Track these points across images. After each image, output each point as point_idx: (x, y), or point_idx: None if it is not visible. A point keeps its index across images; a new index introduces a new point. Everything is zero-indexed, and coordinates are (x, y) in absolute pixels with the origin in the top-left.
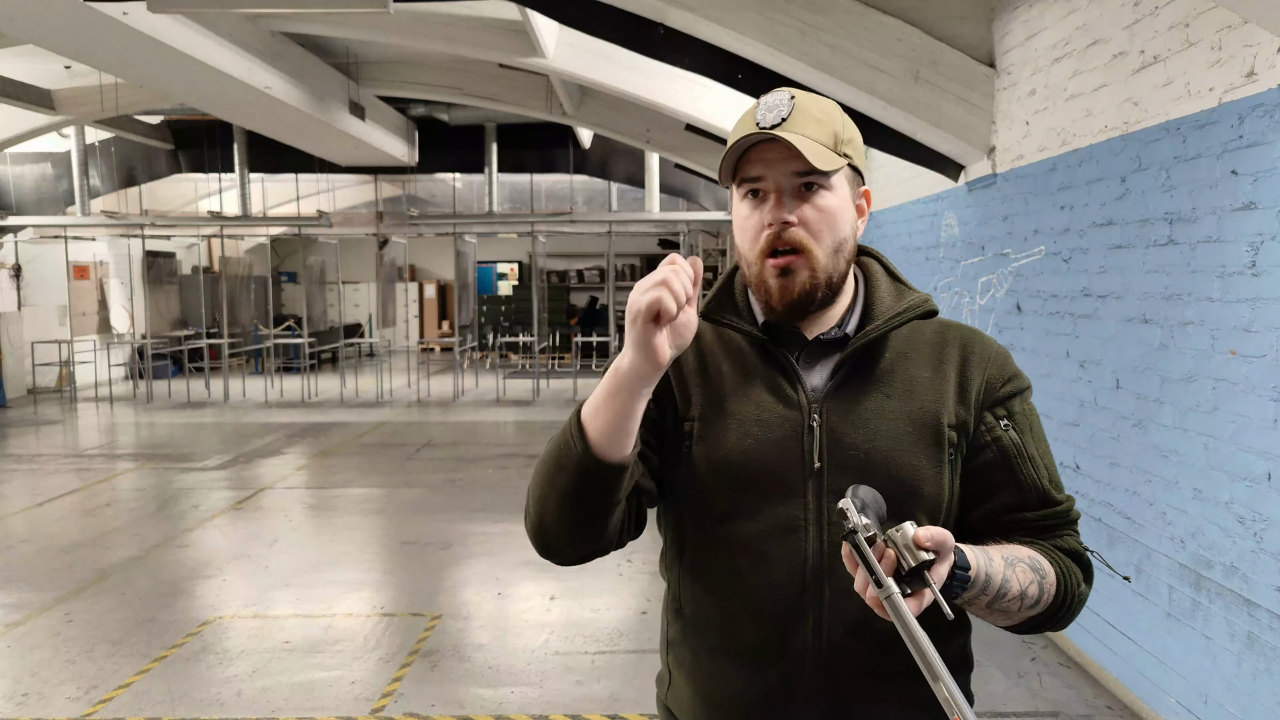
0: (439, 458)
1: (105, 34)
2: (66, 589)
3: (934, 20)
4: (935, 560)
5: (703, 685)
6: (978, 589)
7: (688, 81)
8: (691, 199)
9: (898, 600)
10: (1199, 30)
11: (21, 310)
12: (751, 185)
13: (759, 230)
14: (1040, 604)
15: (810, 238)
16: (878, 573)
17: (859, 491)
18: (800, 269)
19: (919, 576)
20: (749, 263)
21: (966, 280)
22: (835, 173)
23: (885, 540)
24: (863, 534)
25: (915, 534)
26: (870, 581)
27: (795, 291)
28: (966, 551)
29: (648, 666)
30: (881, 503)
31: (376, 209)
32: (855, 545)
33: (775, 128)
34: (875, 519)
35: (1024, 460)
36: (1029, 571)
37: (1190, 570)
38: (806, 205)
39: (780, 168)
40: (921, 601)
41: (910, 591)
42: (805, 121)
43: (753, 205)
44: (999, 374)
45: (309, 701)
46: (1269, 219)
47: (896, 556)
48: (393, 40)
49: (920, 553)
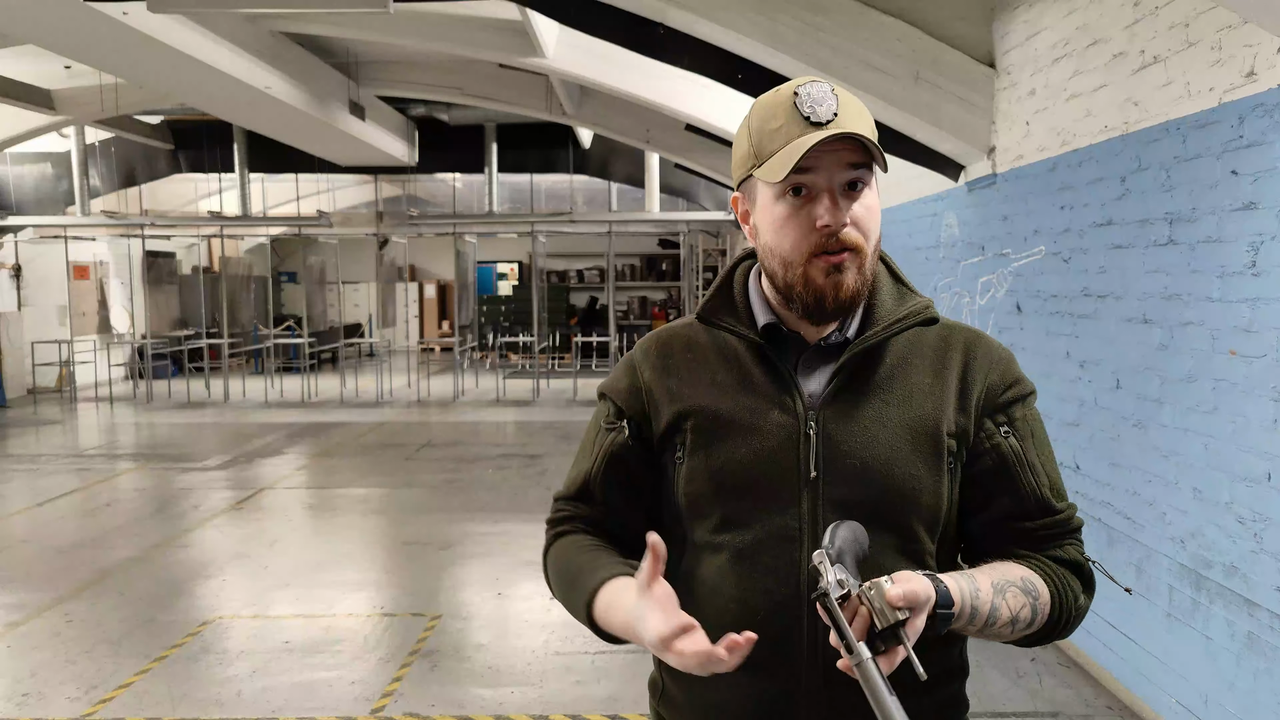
0: (439, 458)
1: (105, 34)
2: (66, 589)
3: (934, 20)
4: (911, 615)
5: (697, 695)
6: (963, 622)
7: (688, 81)
8: (691, 199)
9: (868, 667)
10: (1199, 30)
11: (21, 310)
12: (799, 181)
13: (807, 230)
14: (1034, 624)
15: (862, 237)
16: (848, 638)
17: (836, 536)
18: (850, 267)
19: (893, 635)
20: (791, 264)
21: (966, 280)
22: (878, 166)
23: (859, 597)
24: (835, 593)
25: (889, 594)
26: (842, 645)
27: (850, 289)
28: (951, 587)
29: (647, 667)
30: (862, 540)
31: (376, 209)
32: (827, 609)
33: (828, 124)
34: (853, 564)
35: (1024, 468)
36: (1020, 595)
37: (1190, 570)
38: (856, 204)
39: (833, 162)
40: (894, 659)
41: (884, 649)
42: (854, 116)
43: (795, 204)
44: (1000, 380)
45: (309, 701)
46: (1269, 219)
47: (870, 615)
48: (393, 40)
49: (895, 612)
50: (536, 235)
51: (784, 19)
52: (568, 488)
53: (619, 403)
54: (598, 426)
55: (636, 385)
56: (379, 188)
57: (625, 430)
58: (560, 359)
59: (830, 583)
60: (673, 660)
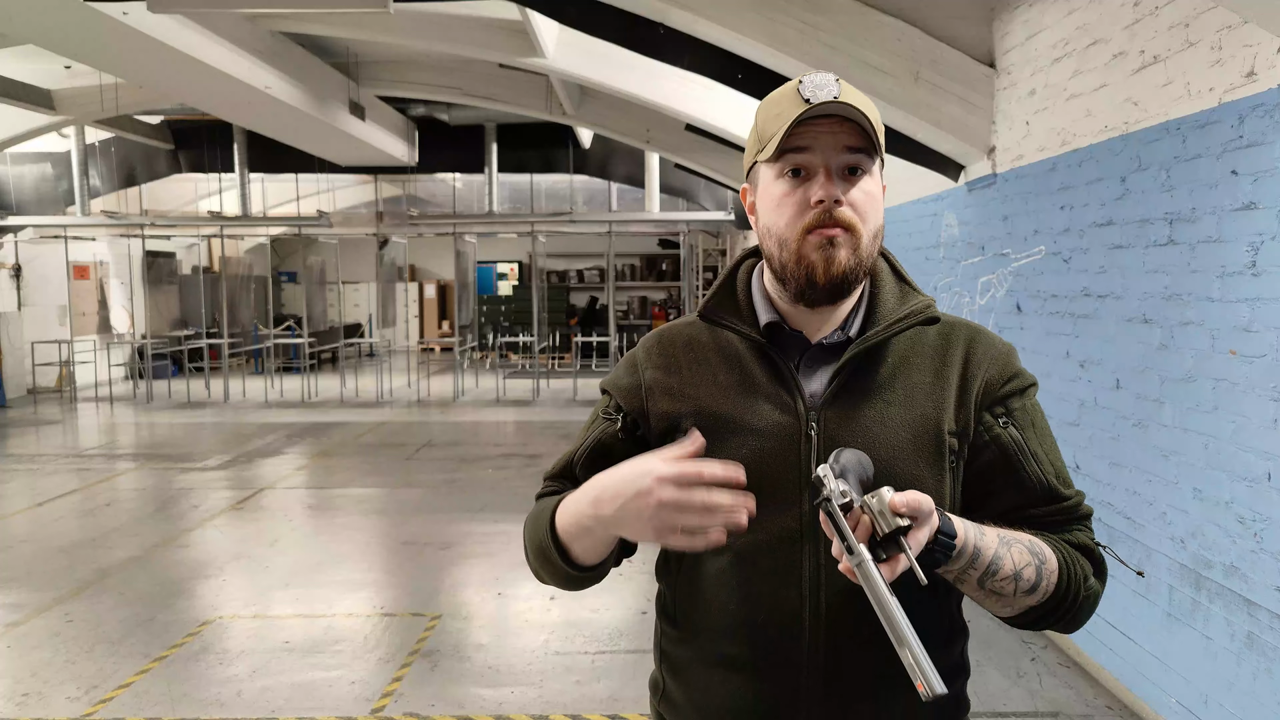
0: (439, 458)
1: (105, 34)
2: (66, 589)
3: (934, 20)
4: (913, 526)
5: (698, 695)
6: (965, 560)
7: (688, 81)
8: (691, 199)
9: (868, 567)
10: (1199, 30)
11: (21, 310)
12: (798, 160)
13: (803, 207)
14: (1039, 591)
15: (858, 219)
16: (849, 539)
17: (841, 457)
18: (844, 244)
19: (894, 542)
20: (785, 241)
21: (966, 280)
22: (878, 156)
23: (862, 506)
24: (837, 500)
25: (891, 499)
26: (843, 549)
27: (841, 265)
28: (955, 521)
29: (647, 666)
30: (866, 467)
31: (376, 209)
32: (828, 513)
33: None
34: (856, 484)
35: (1026, 457)
36: (1026, 553)
37: (1190, 570)
38: (853, 187)
39: (830, 144)
40: (895, 567)
41: (886, 556)
42: (855, 100)
43: (793, 183)
44: (999, 374)
45: (309, 701)
46: (1269, 219)
47: (871, 522)
48: (393, 40)
49: (896, 518)
50: (536, 235)
51: (784, 19)
52: (554, 467)
53: (618, 399)
54: (595, 416)
55: (637, 383)
56: (379, 188)
57: (618, 423)
58: (560, 359)
59: (833, 490)
60: (668, 495)
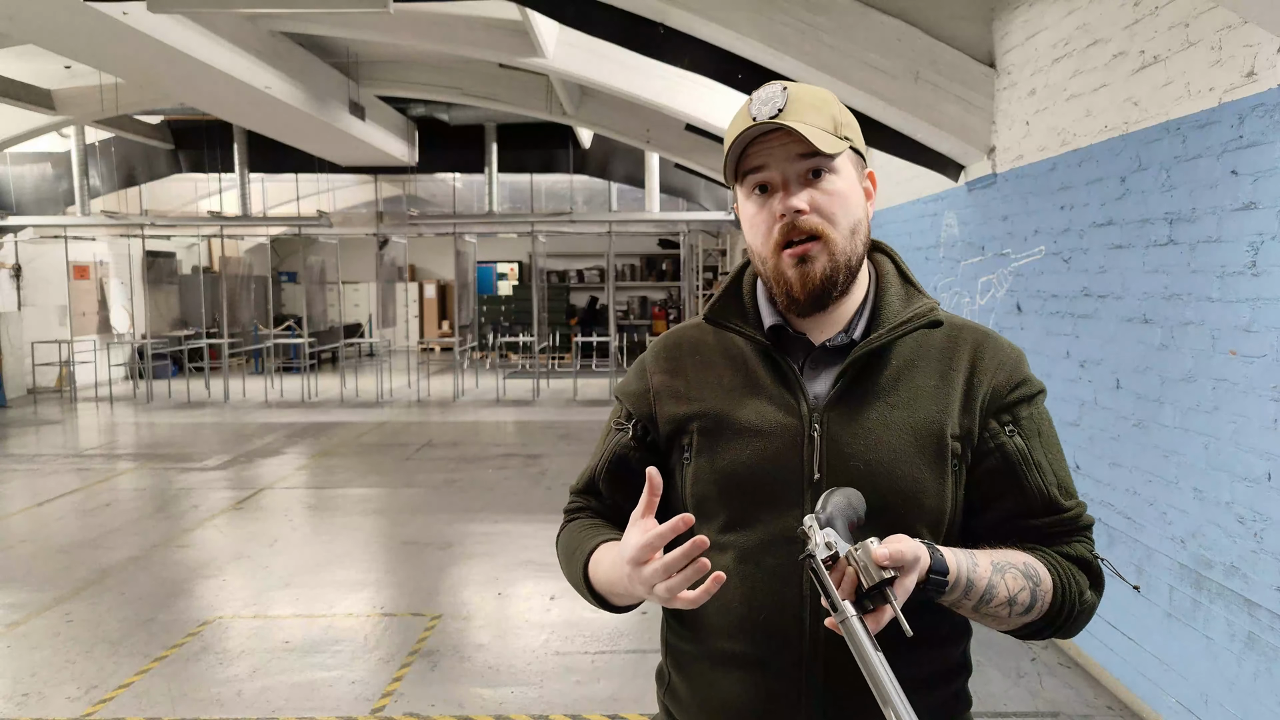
0: (439, 458)
1: (105, 34)
2: (66, 589)
3: (934, 20)
4: (900, 574)
5: (701, 690)
6: (958, 593)
7: (688, 81)
8: (691, 199)
9: (852, 624)
10: (1199, 30)
11: (21, 310)
12: (757, 180)
13: (771, 223)
14: (1034, 611)
15: (825, 222)
16: (833, 596)
17: (829, 502)
18: (818, 255)
19: (880, 594)
20: (764, 258)
21: (966, 280)
22: (839, 155)
23: (848, 557)
24: (821, 554)
25: (875, 552)
26: (828, 604)
27: (817, 278)
28: (947, 556)
29: (648, 666)
30: (857, 506)
31: (376, 209)
32: (812, 570)
33: (772, 119)
34: (845, 529)
35: (1029, 467)
36: (1020, 578)
37: (1190, 570)
38: (816, 191)
39: (783, 156)
40: (881, 619)
41: (872, 607)
42: (802, 109)
43: (761, 200)
44: (1007, 381)
45: (309, 701)
46: (1269, 219)
47: (857, 575)
48: (393, 40)
49: (881, 570)
50: (536, 235)
51: (784, 19)
52: (579, 482)
53: (628, 405)
54: (609, 426)
55: (645, 389)
56: (379, 188)
57: (630, 432)
58: (560, 359)
59: (818, 544)
60: (644, 574)
